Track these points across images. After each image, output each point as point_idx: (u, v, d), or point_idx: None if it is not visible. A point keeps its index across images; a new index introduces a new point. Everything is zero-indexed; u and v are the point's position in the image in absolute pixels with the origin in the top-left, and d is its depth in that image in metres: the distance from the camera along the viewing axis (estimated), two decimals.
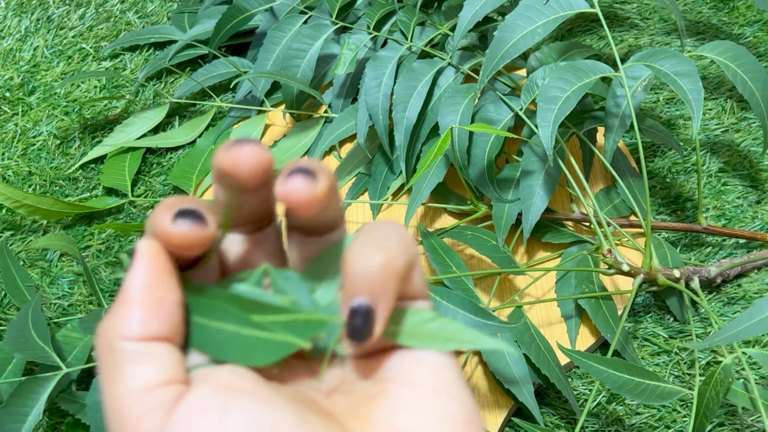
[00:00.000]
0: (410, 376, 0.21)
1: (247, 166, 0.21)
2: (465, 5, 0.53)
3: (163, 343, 0.20)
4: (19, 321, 0.45)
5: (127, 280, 0.20)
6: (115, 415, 0.19)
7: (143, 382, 0.19)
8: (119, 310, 0.20)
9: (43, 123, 0.68)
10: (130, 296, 0.20)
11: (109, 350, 0.20)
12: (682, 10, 0.74)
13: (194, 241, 0.21)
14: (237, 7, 0.65)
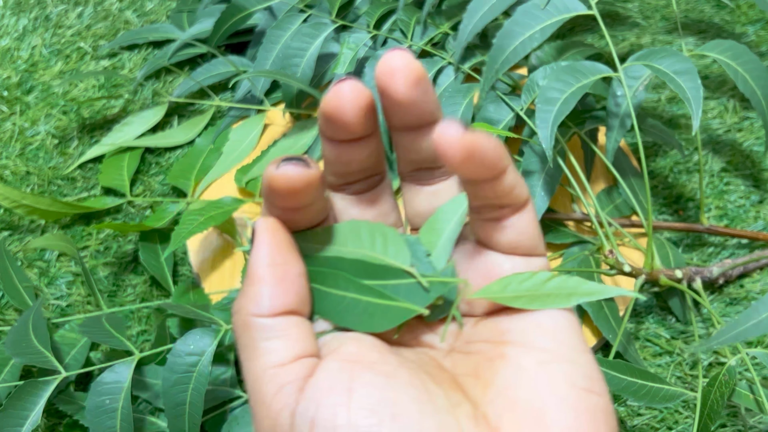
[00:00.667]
0: (530, 340, 0.21)
1: (350, 101, 0.21)
2: (464, 17, 0.53)
3: (292, 317, 0.21)
4: (19, 326, 0.44)
5: (252, 259, 0.21)
6: (254, 390, 0.21)
7: (278, 358, 0.20)
8: (248, 289, 0.21)
9: (41, 122, 0.67)
10: (256, 274, 0.21)
11: (245, 328, 0.21)
12: (684, 9, 0.74)
13: (297, 183, 0.21)
14: (236, 6, 0.65)
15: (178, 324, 0.52)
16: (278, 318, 0.21)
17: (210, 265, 0.57)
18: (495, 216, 0.23)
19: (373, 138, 0.23)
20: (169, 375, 0.41)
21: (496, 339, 0.22)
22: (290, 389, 0.20)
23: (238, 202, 0.56)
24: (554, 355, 0.21)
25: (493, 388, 0.21)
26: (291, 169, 0.21)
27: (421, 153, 0.24)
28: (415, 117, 0.23)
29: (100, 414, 0.41)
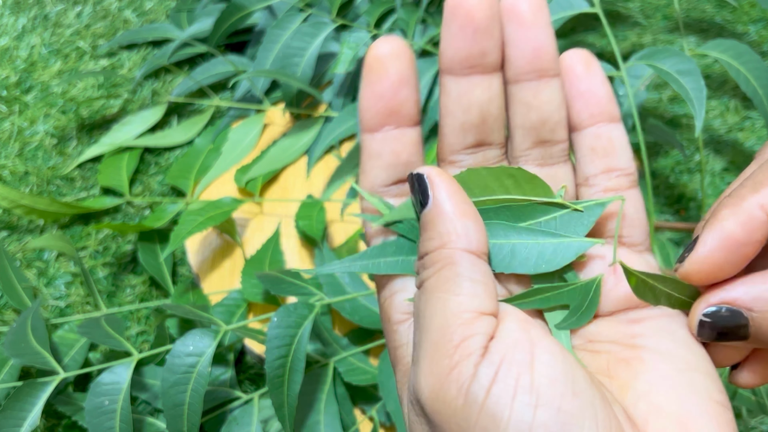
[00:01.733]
0: (666, 347, 0.21)
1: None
2: None
3: (488, 265, 0.21)
4: (18, 327, 0.44)
5: (440, 199, 0.21)
6: (441, 324, 0.19)
7: (478, 303, 0.20)
8: (452, 225, 0.21)
9: (40, 122, 0.67)
10: (456, 210, 0.21)
11: (451, 262, 0.20)
12: (686, 8, 0.73)
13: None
14: (236, 5, 0.65)
15: (178, 324, 0.52)
16: (481, 260, 0.21)
17: (209, 266, 0.56)
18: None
19: (495, 77, 0.23)
20: (168, 376, 0.41)
21: (627, 342, 0.22)
22: (480, 340, 0.19)
23: (237, 202, 0.56)
24: (691, 366, 0.21)
25: (634, 391, 0.20)
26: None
27: (543, 112, 0.23)
28: (539, 58, 0.23)
29: (99, 415, 0.41)
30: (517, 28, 0.22)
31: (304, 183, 0.61)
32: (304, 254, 0.57)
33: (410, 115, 0.23)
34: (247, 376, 0.52)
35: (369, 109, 0.22)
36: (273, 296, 0.52)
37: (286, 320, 0.42)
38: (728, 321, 0.20)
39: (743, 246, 0.20)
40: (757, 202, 0.19)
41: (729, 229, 0.20)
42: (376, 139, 0.23)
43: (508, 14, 0.22)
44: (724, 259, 0.20)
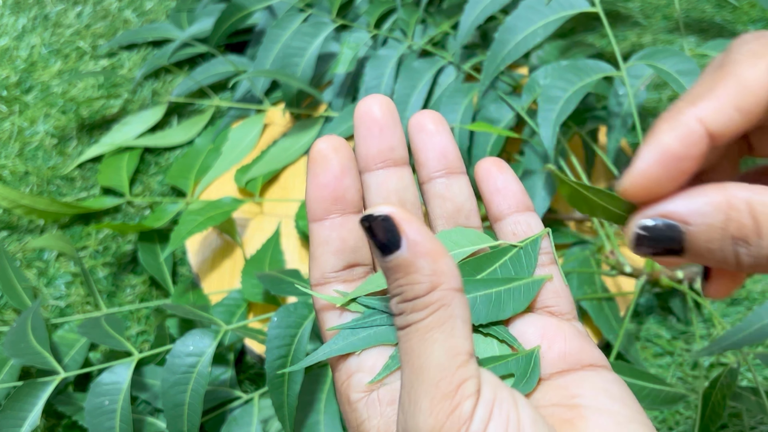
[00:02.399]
0: (603, 405, 0.22)
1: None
2: (465, 9, 0.53)
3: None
4: (18, 327, 0.44)
5: (412, 240, 0.21)
6: (437, 365, 0.20)
7: (471, 347, 0.20)
8: (437, 265, 0.21)
9: (40, 122, 0.67)
10: (436, 249, 0.21)
11: (447, 303, 0.20)
12: (685, 8, 0.73)
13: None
14: (236, 5, 0.65)
15: (178, 324, 0.52)
16: (462, 295, 0.21)
17: (209, 266, 0.56)
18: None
19: (405, 170, 0.27)
20: (168, 376, 0.41)
21: (568, 402, 0.23)
22: (474, 383, 0.20)
23: (237, 202, 0.56)
24: (629, 418, 0.22)
25: None
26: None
27: (456, 202, 0.27)
28: (446, 158, 0.26)
29: (99, 415, 0.41)
30: (425, 137, 0.26)
31: (304, 183, 0.61)
32: (304, 254, 0.57)
33: (354, 202, 0.25)
34: (247, 376, 0.52)
35: (315, 198, 0.24)
36: (273, 296, 0.52)
37: (286, 320, 0.42)
38: (664, 234, 0.20)
39: (681, 160, 0.20)
40: (694, 115, 0.19)
41: (666, 142, 0.20)
42: (324, 226, 0.24)
43: (416, 127, 0.26)
44: (662, 174, 0.20)
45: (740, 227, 0.19)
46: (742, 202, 0.19)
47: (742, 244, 0.19)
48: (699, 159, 0.20)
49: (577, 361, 0.24)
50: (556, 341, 0.24)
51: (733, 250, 0.20)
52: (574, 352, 0.24)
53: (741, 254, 0.20)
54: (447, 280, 0.20)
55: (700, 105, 0.19)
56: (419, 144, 0.26)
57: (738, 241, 0.19)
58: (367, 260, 0.25)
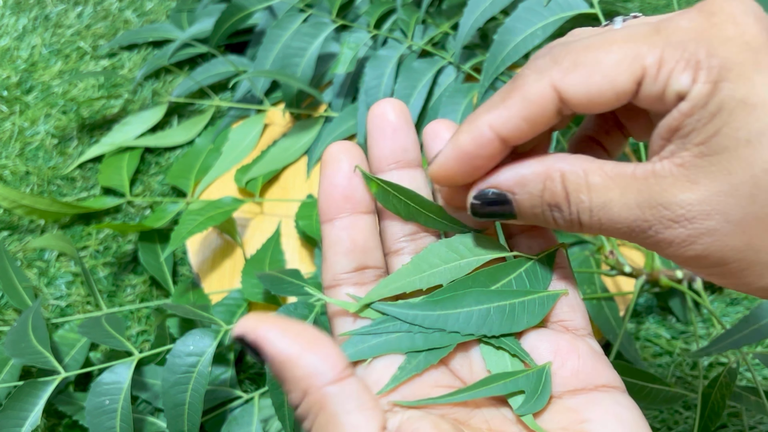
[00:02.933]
0: (609, 424, 0.22)
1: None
2: (465, 11, 0.53)
3: (353, 378, 0.21)
4: (19, 326, 0.44)
5: (273, 350, 0.20)
6: None
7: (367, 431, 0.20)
8: (297, 370, 0.20)
9: (41, 122, 0.67)
10: (291, 352, 0.20)
11: (320, 407, 0.20)
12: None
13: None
14: (236, 6, 0.65)
15: (178, 324, 0.52)
16: (345, 382, 0.20)
17: (210, 265, 0.57)
18: None
19: (418, 171, 0.27)
20: (168, 375, 0.41)
21: (576, 428, 0.22)
22: None
23: (237, 202, 0.56)
24: None
25: None
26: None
27: None
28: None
29: (100, 414, 0.41)
30: (439, 143, 0.25)
31: (304, 183, 0.61)
32: (304, 254, 0.57)
33: (364, 201, 0.25)
34: (248, 376, 0.52)
35: (326, 199, 0.25)
36: (273, 296, 0.52)
37: None
38: (494, 202, 0.23)
39: (474, 158, 0.22)
40: (487, 121, 0.22)
41: (461, 142, 0.22)
42: (334, 226, 0.25)
43: (431, 135, 0.26)
44: (458, 168, 0.23)
45: (553, 195, 0.22)
46: (557, 173, 0.21)
47: (556, 209, 0.22)
48: (490, 157, 0.22)
49: (591, 380, 0.23)
50: (569, 358, 0.24)
51: (551, 214, 0.22)
52: (588, 370, 0.24)
53: (557, 218, 0.22)
54: (315, 381, 0.20)
55: (492, 113, 0.22)
56: (433, 149, 0.26)
57: (553, 207, 0.22)
58: (378, 263, 0.25)
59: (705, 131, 0.19)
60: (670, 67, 0.19)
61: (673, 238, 0.20)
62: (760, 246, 0.19)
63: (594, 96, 0.20)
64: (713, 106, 0.19)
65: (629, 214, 0.20)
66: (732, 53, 0.19)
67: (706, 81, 0.19)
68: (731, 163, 0.19)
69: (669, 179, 0.20)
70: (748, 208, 0.19)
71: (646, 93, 0.20)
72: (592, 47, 0.20)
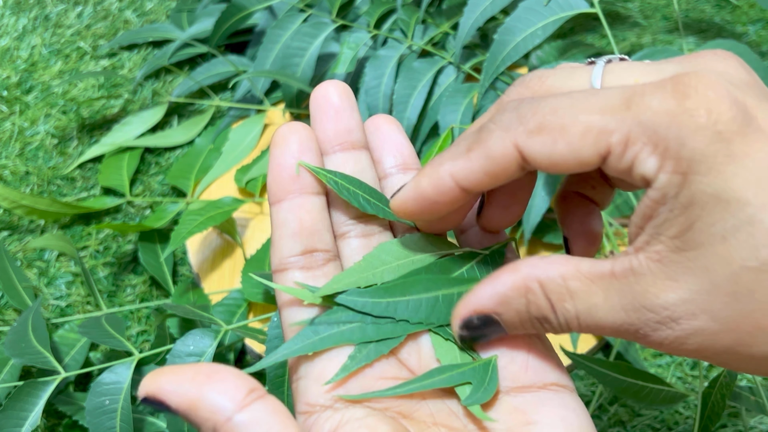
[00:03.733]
0: (555, 428, 0.22)
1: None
2: (465, 10, 0.53)
3: (260, 401, 0.20)
4: (19, 327, 0.44)
5: (177, 405, 0.20)
6: None
7: None
8: (201, 414, 0.20)
9: (41, 122, 0.67)
10: (192, 401, 0.20)
11: None
12: (685, 9, 0.74)
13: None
14: (236, 6, 0.65)
15: (178, 324, 0.52)
16: (251, 407, 0.20)
17: (210, 265, 0.57)
18: None
19: (363, 153, 0.27)
20: None
21: (521, 429, 0.22)
22: None
23: (237, 202, 0.56)
24: None
25: None
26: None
27: None
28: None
29: (100, 414, 0.41)
30: (380, 135, 0.26)
31: None
32: None
33: (312, 183, 0.25)
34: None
35: (274, 180, 0.24)
36: (273, 296, 0.52)
37: None
38: (482, 326, 0.22)
39: (433, 202, 0.22)
40: (448, 170, 0.22)
41: (423, 185, 0.22)
42: (282, 208, 0.24)
43: (372, 127, 0.26)
44: (417, 208, 0.23)
45: (539, 308, 0.21)
46: (536, 284, 0.21)
47: (545, 321, 0.21)
48: (451, 203, 0.22)
49: (540, 378, 0.23)
50: (519, 353, 0.24)
51: (540, 326, 0.21)
52: (536, 366, 0.23)
53: (547, 328, 0.21)
54: (219, 416, 0.20)
55: (455, 163, 0.22)
56: (376, 142, 0.27)
57: (541, 320, 0.21)
58: (328, 246, 0.25)
59: (678, 223, 0.18)
60: (636, 149, 0.19)
61: (662, 340, 0.19)
62: (751, 342, 0.18)
63: (557, 162, 0.20)
64: (684, 198, 0.18)
65: (616, 318, 0.20)
66: (703, 144, 0.18)
67: (675, 171, 0.18)
68: (709, 260, 0.18)
69: (648, 277, 0.19)
70: (732, 306, 0.18)
71: (613, 168, 0.20)
72: (559, 111, 0.20)
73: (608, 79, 0.21)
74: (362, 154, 0.26)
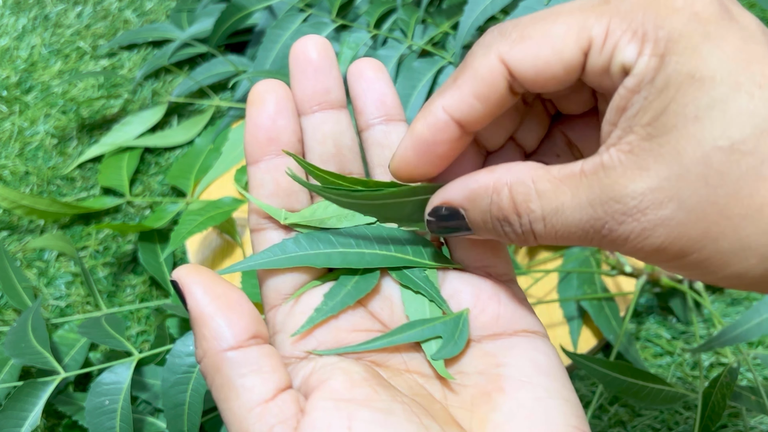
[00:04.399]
0: (526, 377, 0.22)
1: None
2: (465, 10, 0.53)
3: (259, 345, 0.21)
4: (18, 327, 0.44)
5: (191, 303, 0.21)
6: (239, 431, 0.20)
7: (259, 394, 0.20)
8: (203, 330, 0.21)
9: (40, 122, 0.67)
10: (203, 313, 0.21)
11: (216, 369, 0.21)
12: None
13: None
14: (236, 5, 0.65)
15: (178, 324, 0.52)
16: (246, 349, 0.21)
17: (209, 265, 0.57)
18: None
19: (342, 113, 0.27)
20: (168, 375, 0.41)
21: (492, 371, 0.22)
22: (282, 429, 0.20)
23: (237, 202, 0.56)
24: (551, 393, 0.22)
25: (492, 423, 0.21)
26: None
27: (394, 149, 0.27)
28: (384, 105, 0.27)
29: (100, 415, 0.41)
30: (363, 84, 0.26)
31: None
32: None
33: (289, 144, 0.24)
34: None
35: (250, 141, 0.24)
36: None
37: None
38: (448, 218, 0.22)
39: (432, 145, 0.21)
40: (440, 104, 0.21)
41: (418, 130, 0.21)
42: (259, 168, 0.24)
43: (355, 74, 0.26)
44: (418, 159, 0.22)
45: (501, 209, 0.21)
46: (504, 186, 0.20)
47: (506, 223, 0.21)
48: (450, 143, 0.21)
49: (510, 325, 0.23)
50: (489, 304, 0.24)
51: (501, 229, 0.21)
52: (508, 316, 0.24)
53: (508, 232, 0.21)
54: (213, 345, 0.20)
55: (445, 95, 0.21)
56: (357, 91, 0.26)
57: (502, 221, 0.21)
58: (304, 206, 0.25)
59: (652, 109, 0.18)
60: (616, 37, 0.18)
61: (628, 234, 0.19)
62: (718, 234, 0.18)
63: (542, 68, 0.19)
64: (660, 81, 0.18)
65: (582, 215, 0.19)
66: (680, 24, 0.18)
67: (653, 54, 0.18)
68: (680, 142, 0.18)
69: (618, 169, 0.18)
70: (701, 192, 0.18)
71: (593, 65, 0.19)
72: (539, 19, 0.20)
73: None
74: (341, 114, 0.26)
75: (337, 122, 0.25)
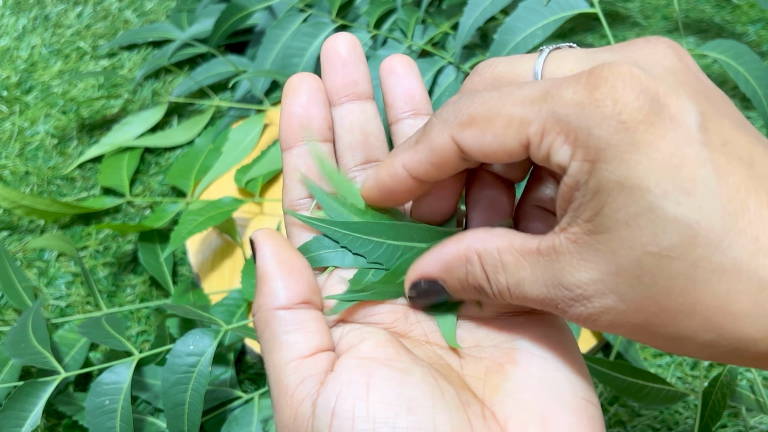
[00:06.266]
0: (538, 350, 0.23)
1: None
2: (465, 10, 0.53)
3: (308, 309, 0.23)
4: (19, 327, 0.44)
5: (259, 261, 0.24)
6: (277, 381, 0.22)
7: (298, 350, 0.22)
8: (263, 287, 0.23)
9: (41, 122, 0.67)
10: (267, 272, 0.23)
11: (266, 323, 0.23)
12: (685, 9, 0.74)
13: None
14: (236, 6, 0.65)
15: (178, 324, 0.52)
16: (296, 310, 0.23)
17: (210, 265, 0.57)
18: None
19: (368, 104, 0.28)
20: (168, 375, 0.41)
21: (507, 345, 0.24)
22: (312, 382, 0.22)
23: (237, 202, 0.56)
24: (561, 365, 0.23)
25: (503, 391, 0.22)
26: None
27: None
28: (413, 99, 0.28)
29: (100, 414, 0.41)
30: (394, 79, 0.27)
31: None
32: None
33: (321, 130, 0.26)
34: (248, 376, 0.52)
35: (285, 128, 0.26)
36: None
37: None
38: (429, 291, 0.24)
39: (393, 191, 0.24)
40: (400, 161, 0.23)
41: (381, 176, 0.24)
42: (292, 154, 0.26)
43: (387, 70, 0.27)
44: (380, 196, 0.25)
45: (476, 278, 0.22)
46: (474, 255, 0.22)
47: (481, 291, 0.23)
48: (409, 191, 0.24)
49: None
50: None
51: (478, 294, 0.23)
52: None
53: (483, 298, 0.23)
54: (267, 302, 0.23)
55: (405, 155, 0.23)
56: (388, 86, 0.27)
57: (478, 289, 0.23)
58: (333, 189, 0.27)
59: (590, 208, 0.19)
60: (550, 139, 0.20)
61: (578, 315, 0.20)
62: (657, 324, 0.19)
63: (488, 153, 0.21)
64: (593, 185, 0.19)
65: (539, 292, 0.21)
66: (608, 133, 0.18)
67: (585, 159, 0.19)
68: (615, 244, 0.19)
69: (566, 257, 0.20)
70: (637, 288, 0.19)
71: (535, 157, 0.20)
72: (488, 104, 0.21)
73: (549, 68, 0.22)
74: (368, 105, 0.27)
75: (363, 112, 0.27)
